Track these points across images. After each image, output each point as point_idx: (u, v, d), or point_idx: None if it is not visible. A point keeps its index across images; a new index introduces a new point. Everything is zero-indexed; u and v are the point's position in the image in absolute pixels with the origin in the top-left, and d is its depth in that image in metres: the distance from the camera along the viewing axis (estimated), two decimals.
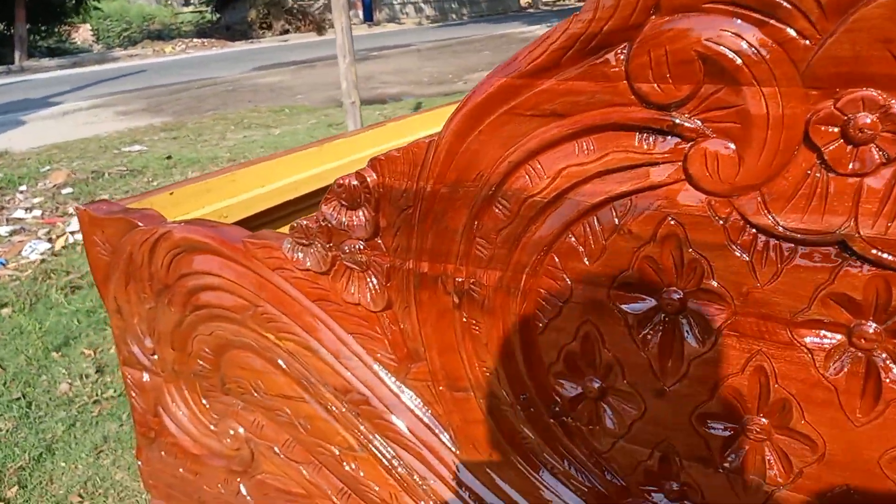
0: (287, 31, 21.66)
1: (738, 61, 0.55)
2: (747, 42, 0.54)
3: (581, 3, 0.62)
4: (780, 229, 0.58)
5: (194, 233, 1.01)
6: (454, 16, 25.78)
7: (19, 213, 4.14)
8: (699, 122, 0.59)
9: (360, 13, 23.12)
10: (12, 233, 3.72)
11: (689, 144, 0.59)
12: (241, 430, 1.11)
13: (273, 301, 0.97)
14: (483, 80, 0.69)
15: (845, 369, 0.59)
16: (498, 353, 0.79)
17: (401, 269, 0.83)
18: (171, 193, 1.28)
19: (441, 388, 0.87)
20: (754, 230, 0.59)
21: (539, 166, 0.68)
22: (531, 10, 27.00)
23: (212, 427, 1.15)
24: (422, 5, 25.07)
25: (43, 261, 3.18)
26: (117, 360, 2.09)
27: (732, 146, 0.58)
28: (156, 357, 1.17)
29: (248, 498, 1.15)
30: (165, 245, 1.05)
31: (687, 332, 0.66)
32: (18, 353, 2.19)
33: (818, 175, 0.56)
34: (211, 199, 1.35)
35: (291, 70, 10.83)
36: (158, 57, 14.88)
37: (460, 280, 0.78)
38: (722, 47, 0.55)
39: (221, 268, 1.00)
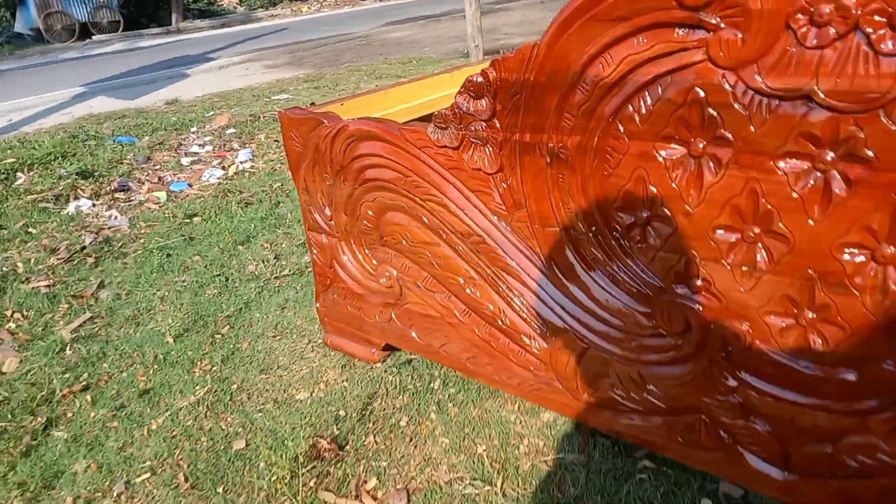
0: None
1: None
2: None
3: None
4: (768, 89, 0.82)
5: (365, 125, 1.36)
6: None
7: (195, 149, 4.77)
8: (717, 19, 0.84)
9: None
10: (192, 163, 4.33)
11: (710, 34, 0.85)
12: (394, 272, 1.47)
13: (419, 173, 1.30)
14: None
15: (809, 185, 0.84)
16: (577, 197, 1.08)
17: (510, 140, 1.13)
18: (342, 104, 1.63)
19: (536, 226, 1.17)
20: (752, 92, 0.84)
21: (609, 56, 0.95)
22: None
23: (372, 272, 1.52)
24: None
25: (220, 184, 3.74)
26: (290, 250, 2.55)
27: (738, 34, 0.82)
28: (333, 222, 1.55)
29: (398, 322, 1.52)
30: (343, 136, 1.40)
31: (707, 168, 0.92)
32: (212, 246, 2.70)
33: (793, 49, 0.80)
34: (370, 110, 1.69)
35: (419, 24, 11.14)
36: (296, 16, 15.64)
37: (552, 145, 1.07)
38: None
39: (383, 150, 1.34)
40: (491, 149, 1.16)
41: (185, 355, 1.85)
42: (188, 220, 3.12)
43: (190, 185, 3.85)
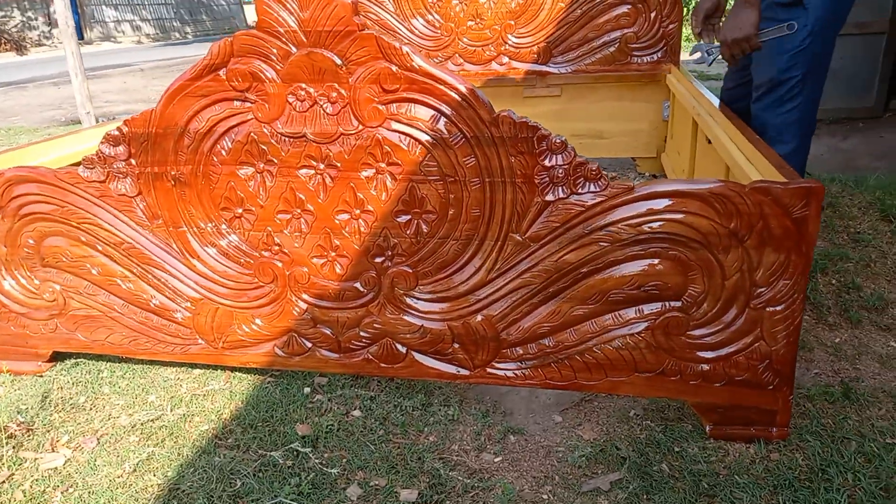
0: None
1: (263, 74, 1.69)
2: (266, 69, 1.69)
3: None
4: (286, 133, 1.73)
5: (20, 171, 1.92)
6: (177, 34, 25.63)
7: None
8: (255, 96, 1.72)
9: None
10: None
11: (253, 105, 1.73)
12: (56, 286, 2.02)
13: (75, 204, 1.92)
14: (175, 80, 1.76)
15: (316, 182, 1.76)
16: (196, 205, 1.86)
17: (143, 172, 1.85)
18: None
19: (171, 229, 1.90)
20: (279, 134, 1.74)
21: (201, 116, 1.76)
22: None
23: (35, 290, 2.04)
24: (139, 23, 24.60)
25: None
26: None
27: (266, 104, 1.72)
28: None
29: (63, 329, 2.06)
30: (0, 181, 1.94)
31: (267, 178, 1.79)
32: None
33: (294, 112, 1.72)
34: (14, 163, 2.20)
35: (0, 91, 10.56)
36: None
37: (174, 173, 1.84)
38: (256, 69, 1.69)
39: (39, 189, 1.93)
40: (130, 179, 1.87)
41: None
42: None
43: None
